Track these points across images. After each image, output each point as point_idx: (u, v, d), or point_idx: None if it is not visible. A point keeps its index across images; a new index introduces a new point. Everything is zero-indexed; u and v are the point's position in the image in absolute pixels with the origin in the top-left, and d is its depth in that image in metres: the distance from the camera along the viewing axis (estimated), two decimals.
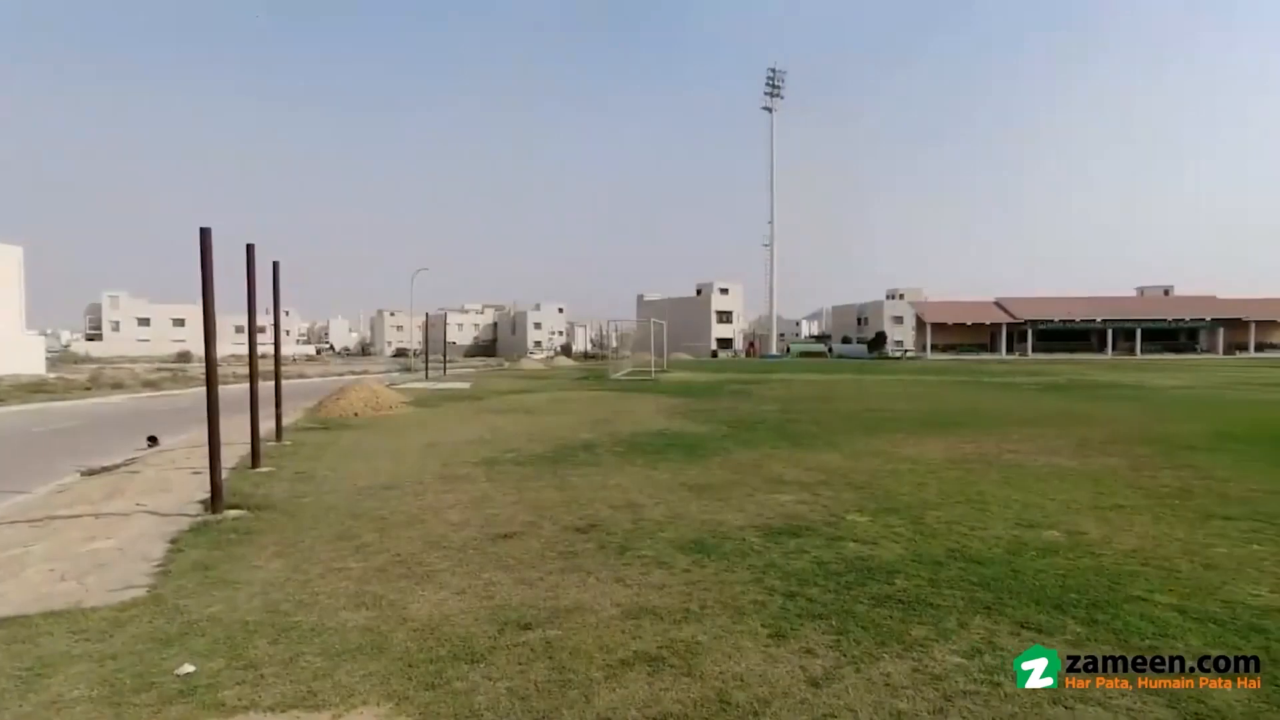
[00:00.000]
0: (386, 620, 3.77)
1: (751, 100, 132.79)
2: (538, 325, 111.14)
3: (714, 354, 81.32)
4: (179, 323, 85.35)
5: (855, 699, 2.90)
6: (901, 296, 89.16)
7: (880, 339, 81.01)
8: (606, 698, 2.92)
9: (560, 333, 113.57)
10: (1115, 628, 3.56)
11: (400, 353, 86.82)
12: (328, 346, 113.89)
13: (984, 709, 2.81)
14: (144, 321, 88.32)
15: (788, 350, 79.04)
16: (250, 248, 8.90)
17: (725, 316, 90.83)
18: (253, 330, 9.10)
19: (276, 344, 11.44)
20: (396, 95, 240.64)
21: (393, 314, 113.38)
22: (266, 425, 10.37)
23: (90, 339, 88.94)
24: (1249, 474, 7.61)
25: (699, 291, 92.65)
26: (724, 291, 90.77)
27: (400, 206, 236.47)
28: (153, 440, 11.75)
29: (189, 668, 3.23)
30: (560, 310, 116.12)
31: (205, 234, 6.52)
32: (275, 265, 10.86)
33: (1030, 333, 74.45)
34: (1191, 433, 11.04)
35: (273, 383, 11.40)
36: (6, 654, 3.44)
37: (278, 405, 11.26)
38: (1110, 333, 73.87)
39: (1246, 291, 78.74)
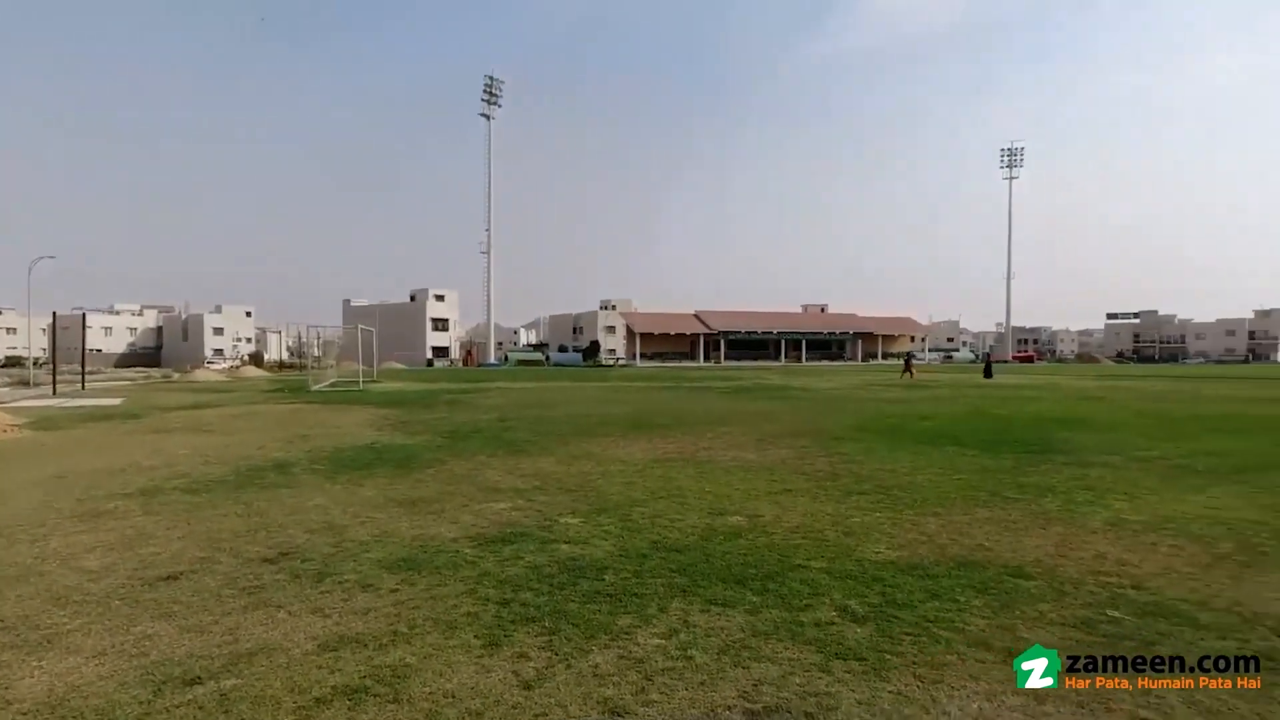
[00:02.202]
0: None
1: (469, 105, 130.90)
2: (218, 330, 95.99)
3: (430, 363, 78.32)
4: None
5: (566, 694, 2.97)
6: (614, 307, 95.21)
7: (595, 347, 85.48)
8: None
9: (249, 339, 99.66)
10: (782, 594, 4.18)
11: (12, 362, 68.46)
12: None
13: (678, 681, 3.09)
14: None
15: (506, 358, 79.41)
16: None
17: (441, 324, 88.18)
18: None
19: None
20: (36, 50, 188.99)
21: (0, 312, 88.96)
22: None
23: None
24: (875, 457, 9.55)
25: (413, 298, 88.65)
26: (440, 298, 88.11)
27: (16, 182, 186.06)
28: None
29: None
30: (248, 314, 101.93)
31: None
32: None
33: (723, 342, 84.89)
34: (839, 426, 13.52)
35: None
36: None
37: None
38: (783, 343, 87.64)
39: (877, 311, 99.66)
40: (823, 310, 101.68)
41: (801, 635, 3.57)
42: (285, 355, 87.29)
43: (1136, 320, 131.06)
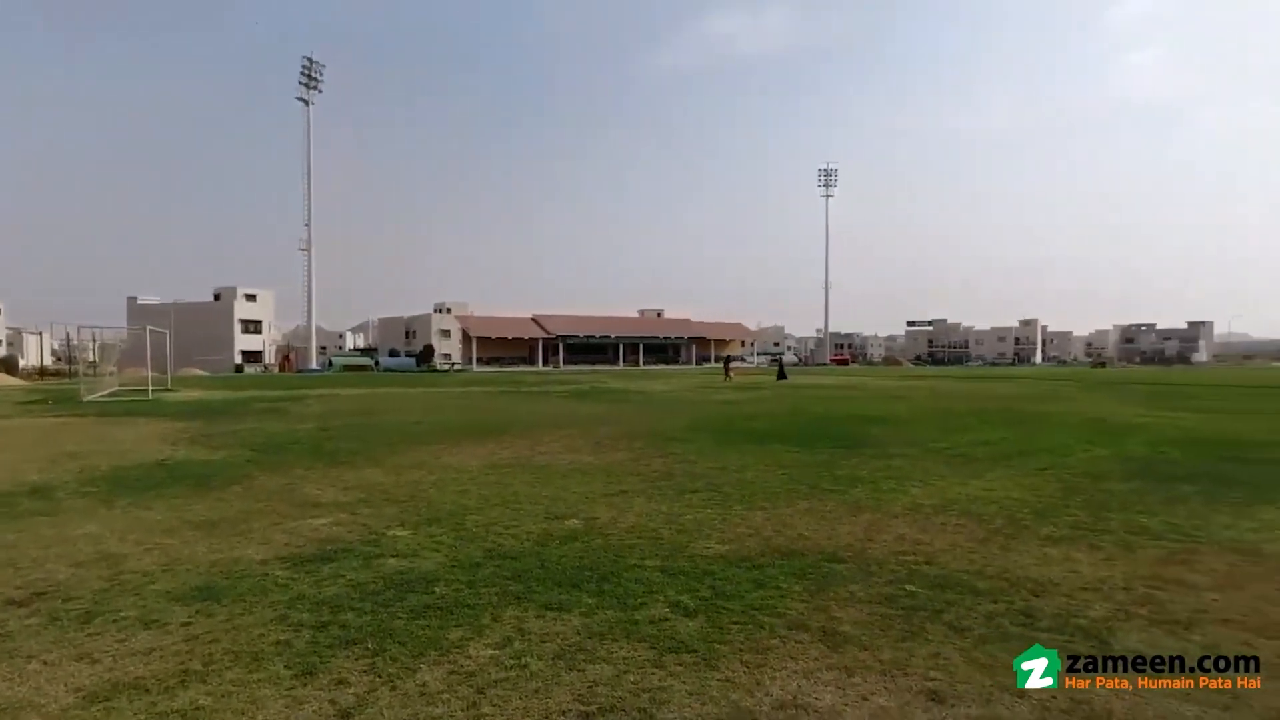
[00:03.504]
0: None
1: (287, 91, 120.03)
2: None
3: (239, 368, 70.83)
4: None
5: (390, 718, 2.76)
6: (449, 310, 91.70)
7: (429, 352, 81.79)
8: None
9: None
10: (617, 594, 4.19)
11: None
12: None
13: (512, 692, 2.99)
14: None
15: (330, 364, 73.67)
16: None
17: (253, 326, 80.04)
18: None
19: None
20: None
21: None
22: None
23: None
24: (708, 457, 9.94)
25: (218, 297, 79.72)
26: (251, 298, 79.99)
27: None
28: None
29: None
30: None
31: None
32: None
33: (561, 346, 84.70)
34: (674, 427, 13.94)
35: None
36: None
37: None
38: (621, 346, 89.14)
39: (710, 316, 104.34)
40: (659, 315, 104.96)
41: (636, 633, 3.60)
42: (49, 361, 74.77)
43: (931, 328, 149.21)
